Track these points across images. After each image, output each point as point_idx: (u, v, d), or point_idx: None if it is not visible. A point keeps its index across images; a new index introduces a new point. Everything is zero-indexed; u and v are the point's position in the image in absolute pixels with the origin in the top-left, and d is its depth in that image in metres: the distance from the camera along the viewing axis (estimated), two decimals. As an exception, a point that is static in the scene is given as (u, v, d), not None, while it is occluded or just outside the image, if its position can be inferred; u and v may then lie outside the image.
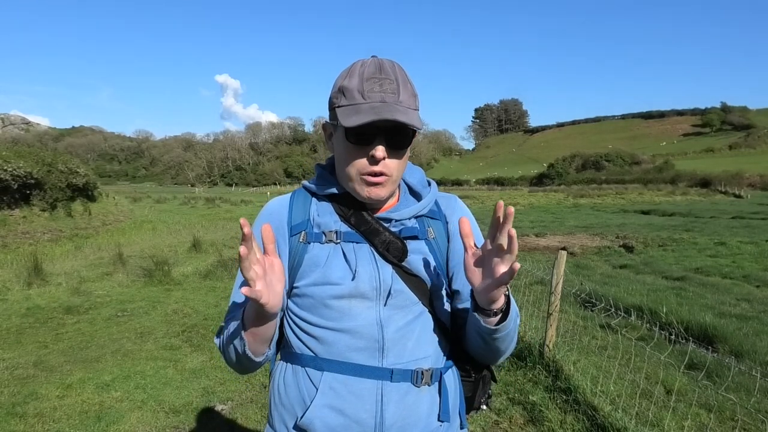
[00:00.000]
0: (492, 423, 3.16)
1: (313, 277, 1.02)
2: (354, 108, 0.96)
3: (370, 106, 0.94)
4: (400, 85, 0.97)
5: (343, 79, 0.99)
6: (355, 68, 0.99)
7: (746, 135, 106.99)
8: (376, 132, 0.96)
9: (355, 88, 0.96)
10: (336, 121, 1.00)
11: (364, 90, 0.96)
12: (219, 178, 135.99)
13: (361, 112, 0.94)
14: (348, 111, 0.96)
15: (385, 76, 0.97)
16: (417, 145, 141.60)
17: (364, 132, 0.96)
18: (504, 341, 1.00)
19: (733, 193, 38.04)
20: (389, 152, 0.98)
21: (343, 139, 1.00)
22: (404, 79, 0.99)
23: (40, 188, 14.62)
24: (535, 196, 41.66)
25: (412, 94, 1.00)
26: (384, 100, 0.95)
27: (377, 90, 0.95)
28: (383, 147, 0.97)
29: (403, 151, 1.01)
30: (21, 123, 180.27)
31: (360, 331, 1.00)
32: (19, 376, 3.91)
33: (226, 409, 3.37)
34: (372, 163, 0.98)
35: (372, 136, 0.97)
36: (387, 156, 0.98)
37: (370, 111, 0.93)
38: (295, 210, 1.08)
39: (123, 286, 7.22)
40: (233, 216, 21.94)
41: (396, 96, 0.96)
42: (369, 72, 0.97)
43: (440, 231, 1.11)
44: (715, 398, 3.35)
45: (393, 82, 0.97)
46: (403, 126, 0.96)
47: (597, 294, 5.18)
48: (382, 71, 0.97)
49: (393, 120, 0.93)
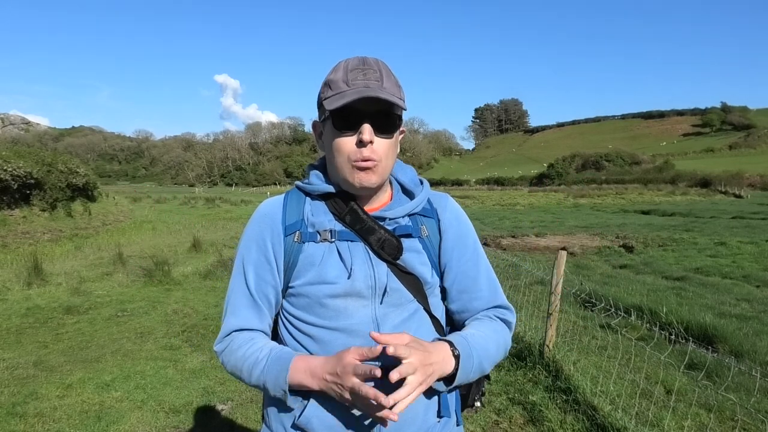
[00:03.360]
0: (492, 423, 3.16)
1: (308, 276, 1.02)
2: (339, 95, 0.98)
3: (354, 90, 0.97)
4: (383, 75, 1.00)
5: (329, 75, 1.03)
6: (340, 64, 1.03)
7: (746, 135, 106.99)
8: (362, 117, 0.98)
9: (340, 79, 0.99)
10: (324, 115, 1.03)
11: (348, 79, 0.98)
12: (219, 178, 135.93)
13: (346, 96, 0.96)
14: (333, 99, 0.98)
15: (369, 67, 1.00)
16: (417, 144, 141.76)
17: (350, 117, 0.98)
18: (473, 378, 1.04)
19: (733, 193, 38.02)
20: (377, 135, 0.99)
21: (331, 130, 1.01)
22: (387, 71, 1.02)
23: (40, 188, 14.61)
24: (535, 196, 41.65)
25: (395, 84, 1.02)
26: (368, 86, 0.97)
27: (361, 78, 0.98)
28: (369, 127, 0.98)
29: (390, 135, 1.02)
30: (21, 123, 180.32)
31: (356, 330, 1.01)
32: (19, 376, 3.91)
33: (226, 409, 3.37)
34: (360, 147, 0.99)
35: (358, 121, 0.98)
36: (374, 140, 0.99)
37: (354, 93, 0.96)
38: (289, 210, 1.09)
39: (123, 286, 7.22)
40: (233, 216, 21.94)
41: (380, 83, 0.98)
42: (353, 64, 1.00)
43: (433, 229, 1.12)
44: (715, 398, 3.35)
45: (376, 72, 0.99)
46: (388, 110, 0.99)
47: (597, 294, 5.17)
48: (365, 64, 1.00)
49: (377, 97, 0.95)
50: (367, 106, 0.97)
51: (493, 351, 1.06)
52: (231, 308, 1.09)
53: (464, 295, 1.13)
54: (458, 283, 1.12)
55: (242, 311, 1.07)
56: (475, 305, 1.13)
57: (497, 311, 1.14)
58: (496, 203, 34.36)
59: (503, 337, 1.10)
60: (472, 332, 1.06)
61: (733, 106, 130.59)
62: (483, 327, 1.09)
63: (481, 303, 1.13)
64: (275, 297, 1.08)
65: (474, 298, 1.13)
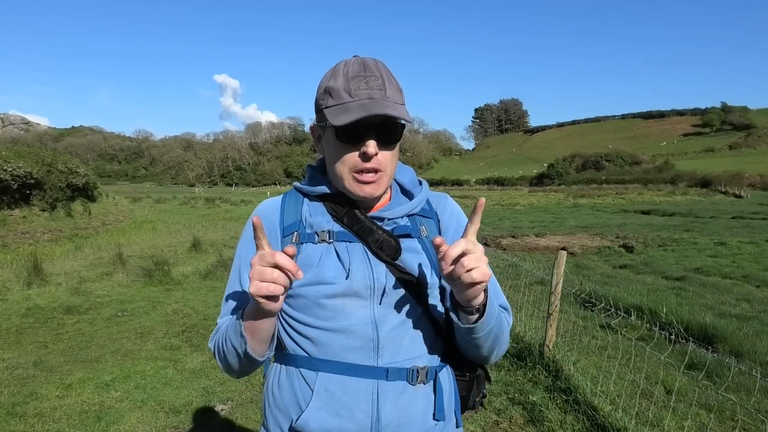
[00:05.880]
0: (492, 423, 3.16)
1: (306, 277, 1.01)
2: (342, 107, 0.96)
3: (358, 103, 0.95)
4: (385, 81, 0.98)
5: (328, 80, 1.00)
6: (339, 69, 1.00)
7: (746, 135, 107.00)
8: (366, 129, 0.97)
9: (342, 88, 0.97)
10: (324, 122, 1.00)
11: (351, 89, 0.96)
12: (219, 178, 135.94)
13: (350, 110, 0.94)
14: (336, 110, 0.96)
15: (370, 73, 0.98)
16: (417, 145, 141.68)
17: (354, 130, 0.96)
18: (486, 341, 1.00)
19: (733, 193, 38.04)
20: (380, 148, 0.99)
21: (333, 140, 1.00)
22: (388, 75, 1.00)
23: (40, 188, 14.62)
24: (535, 196, 41.68)
25: (397, 89, 1.01)
26: (371, 97, 0.95)
27: (364, 87, 0.96)
28: (374, 142, 0.97)
29: (393, 146, 1.02)
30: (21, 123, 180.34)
31: (354, 331, 1.00)
32: (19, 376, 3.91)
33: (226, 409, 3.37)
34: (364, 160, 0.98)
35: (362, 134, 0.97)
36: (378, 152, 0.98)
37: (359, 108, 0.94)
38: (287, 211, 1.08)
39: (123, 286, 7.22)
40: (233, 216, 21.94)
41: (383, 92, 0.97)
42: (354, 71, 0.98)
43: (432, 229, 1.11)
44: (715, 398, 3.35)
45: (378, 79, 0.98)
46: (393, 121, 0.98)
47: (597, 294, 5.18)
48: (366, 69, 0.98)
49: (384, 115, 0.93)
50: (371, 119, 0.95)
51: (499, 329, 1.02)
52: (226, 308, 1.09)
53: None
54: None
55: (237, 311, 1.06)
56: None
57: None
58: (496, 203, 34.36)
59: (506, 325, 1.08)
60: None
61: (733, 106, 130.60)
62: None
63: None
64: None
65: None
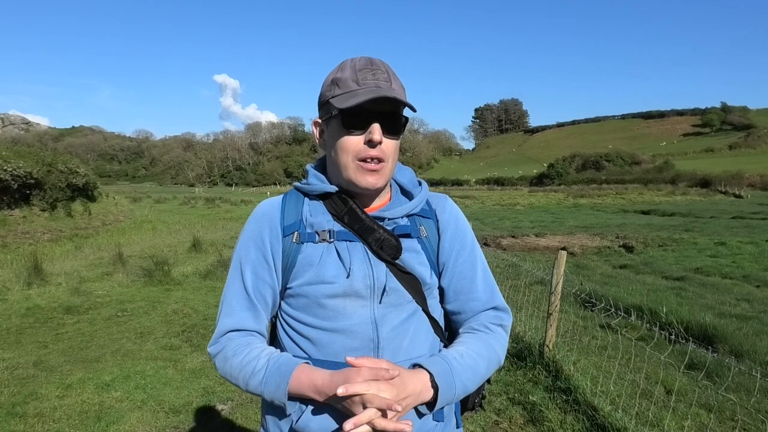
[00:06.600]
0: (492, 423, 3.16)
1: (306, 276, 1.02)
2: (350, 93, 0.98)
3: (366, 90, 0.97)
4: (391, 76, 1.01)
5: (335, 73, 1.03)
6: (346, 63, 1.03)
7: (746, 135, 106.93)
8: (372, 117, 0.98)
9: (349, 78, 1.00)
10: (329, 114, 1.02)
11: (358, 78, 0.99)
12: (219, 178, 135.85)
13: (357, 95, 0.97)
14: (344, 97, 0.99)
15: (377, 67, 1.01)
16: (417, 144, 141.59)
17: (360, 116, 0.98)
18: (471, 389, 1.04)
19: (733, 193, 38.01)
20: (384, 136, 1.00)
21: (338, 128, 1.01)
22: (393, 73, 1.03)
23: (40, 188, 14.63)
24: (535, 196, 41.64)
25: (401, 86, 1.04)
26: (378, 86, 0.98)
27: (371, 78, 0.99)
28: (379, 127, 0.98)
29: (396, 137, 1.03)
30: (21, 123, 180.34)
31: (355, 331, 1.00)
32: (19, 376, 3.91)
33: (226, 409, 3.37)
34: (370, 147, 0.99)
35: (368, 121, 0.98)
36: (383, 140, 0.99)
37: (367, 92, 0.96)
38: (287, 211, 1.08)
39: (123, 286, 7.22)
40: (233, 216, 21.94)
41: (389, 84, 1.00)
42: (361, 64, 1.01)
43: (431, 229, 1.12)
44: (715, 398, 3.35)
45: (384, 73, 1.01)
46: (397, 111, 1.01)
47: (597, 294, 5.18)
48: (373, 64, 1.02)
49: (392, 98, 0.96)
50: (376, 107, 0.97)
51: (483, 370, 1.05)
52: (226, 308, 1.07)
53: (461, 296, 1.12)
54: (455, 283, 1.12)
55: (238, 312, 1.06)
56: (471, 306, 1.12)
57: (494, 313, 1.13)
58: (496, 203, 34.36)
59: (495, 352, 1.09)
60: (461, 352, 1.04)
61: (733, 106, 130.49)
62: (475, 344, 1.07)
63: (478, 304, 1.12)
64: (272, 297, 1.08)
65: (471, 299, 1.12)
